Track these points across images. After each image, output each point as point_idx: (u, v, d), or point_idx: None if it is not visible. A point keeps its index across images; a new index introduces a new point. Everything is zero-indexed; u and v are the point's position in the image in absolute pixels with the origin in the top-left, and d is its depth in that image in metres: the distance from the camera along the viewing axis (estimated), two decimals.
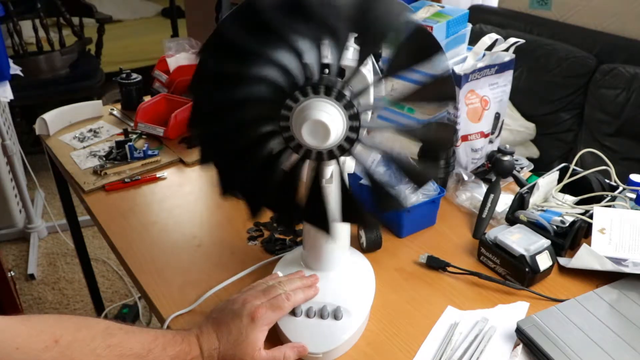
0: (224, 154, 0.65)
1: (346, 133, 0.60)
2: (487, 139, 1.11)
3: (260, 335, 0.66)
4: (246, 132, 0.63)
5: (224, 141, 0.64)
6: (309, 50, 0.58)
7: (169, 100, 1.35)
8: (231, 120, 0.62)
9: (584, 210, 0.90)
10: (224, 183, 0.66)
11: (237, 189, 0.68)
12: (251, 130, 0.63)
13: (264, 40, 0.58)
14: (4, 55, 1.71)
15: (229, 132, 0.63)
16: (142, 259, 0.90)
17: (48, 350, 0.54)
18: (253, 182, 0.66)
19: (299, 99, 0.59)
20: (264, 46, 0.58)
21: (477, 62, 1.05)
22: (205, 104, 0.63)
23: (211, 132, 0.65)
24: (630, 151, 1.84)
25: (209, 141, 0.66)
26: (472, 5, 2.42)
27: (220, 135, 0.64)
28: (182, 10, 3.32)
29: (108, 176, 1.12)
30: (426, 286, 0.83)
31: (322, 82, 0.58)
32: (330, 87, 0.58)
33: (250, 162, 0.64)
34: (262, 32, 0.57)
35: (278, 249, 0.91)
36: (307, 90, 0.58)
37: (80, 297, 2.01)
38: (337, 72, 0.59)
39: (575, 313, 0.74)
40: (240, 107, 0.62)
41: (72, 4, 2.76)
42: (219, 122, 0.64)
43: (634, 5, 1.95)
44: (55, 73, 2.66)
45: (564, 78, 1.99)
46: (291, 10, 0.57)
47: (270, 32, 0.57)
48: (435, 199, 0.93)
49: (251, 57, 0.58)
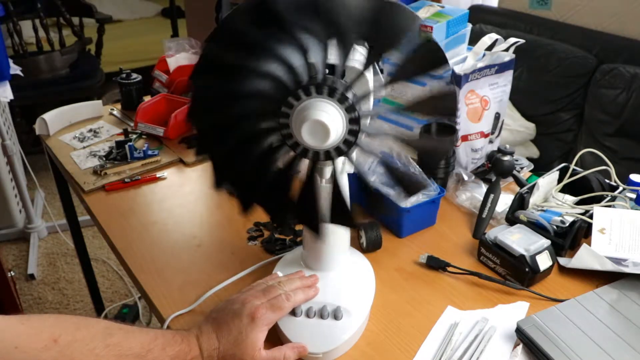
0: (221, 147, 0.65)
1: (345, 135, 0.60)
2: (487, 139, 1.11)
3: (260, 336, 0.66)
4: (244, 126, 0.62)
5: (222, 134, 0.64)
6: (316, 50, 0.58)
7: (169, 100, 1.35)
8: (230, 113, 0.62)
9: (584, 210, 0.90)
10: (218, 176, 0.66)
11: (231, 183, 0.68)
12: (250, 124, 0.63)
13: (273, 34, 0.58)
14: (4, 55, 1.71)
15: (227, 124, 0.63)
16: (142, 259, 0.90)
17: (47, 350, 0.54)
18: (247, 177, 0.66)
19: (302, 97, 0.59)
20: (271, 40, 0.58)
21: (477, 62, 1.05)
22: (206, 94, 0.63)
23: (210, 123, 0.64)
24: (630, 151, 1.84)
25: (207, 133, 0.65)
26: (472, 5, 2.42)
27: (218, 127, 0.64)
28: (182, 10, 3.32)
29: (108, 176, 1.12)
30: (426, 286, 0.83)
31: (326, 82, 0.58)
32: (333, 88, 0.58)
33: (246, 156, 0.64)
34: (271, 26, 0.57)
35: (278, 249, 0.91)
36: (311, 89, 0.58)
37: (80, 297, 2.01)
38: (341, 73, 0.59)
39: (575, 313, 0.74)
40: (241, 99, 0.62)
41: (72, 4, 2.76)
42: (218, 114, 0.63)
43: (634, 5, 1.95)
44: (55, 73, 2.66)
45: (564, 78, 1.98)
46: (304, 7, 0.57)
47: (280, 26, 0.57)
48: (435, 199, 0.93)
49: (257, 51, 0.58)
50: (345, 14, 0.57)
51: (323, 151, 0.61)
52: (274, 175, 0.64)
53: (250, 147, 0.63)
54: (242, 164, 0.65)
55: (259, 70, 0.59)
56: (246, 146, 0.63)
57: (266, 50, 0.58)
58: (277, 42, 0.58)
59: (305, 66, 0.58)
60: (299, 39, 0.57)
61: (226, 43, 0.60)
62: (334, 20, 0.57)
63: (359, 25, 0.58)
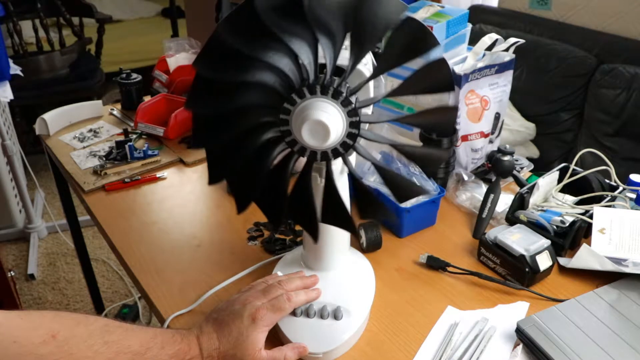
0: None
1: (347, 129, 0.59)
2: (487, 139, 1.11)
3: (260, 336, 0.66)
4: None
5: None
6: (305, 51, 0.58)
7: (169, 100, 1.35)
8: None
9: (584, 210, 0.90)
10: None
11: (227, 180, 0.68)
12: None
13: (259, 43, 0.57)
14: (4, 55, 1.71)
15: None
16: (142, 259, 0.90)
17: (45, 345, 0.54)
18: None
19: (296, 101, 0.59)
20: (259, 50, 0.57)
21: (477, 62, 1.05)
22: (206, 120, 0.63)
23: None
24: (630, 151, 1.84)
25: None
26: (472, 5, 2.42)
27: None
28: (182, 10, 3.32)
29: (108, 176, 1.12)
30: (426, 286, 0.83)
31: (317, 82, 0.58)
32: (326, 86, 0.58)
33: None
34: (257, 35, 0.57)
35: (278, 249, 0.91)
36: (304, 91, 0.58)
37: (80, 297, 2.01)
38: (332, 71, 0.59)
39: (575, 313, 0.74)
40: (240, 116, 0.62)
41: (72, 4, 2.76)
42: (221, 134, 0.63)
43: (634, 5, 1.95)
44: (55, 73, 2.66)
45: (564, 78, 1.98)
46: (285, 11, 0.56)
47: (266, 34, 0.56)
48: (435, 199, 0.93)
49: (247, 63, 0.58)
50: (326, 11, 0.56)
51: (330, 149, 0.61)
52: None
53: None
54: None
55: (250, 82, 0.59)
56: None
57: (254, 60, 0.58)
58: (264, 50, 0.57)
59: (295, 69, 0.58)
60: (285, 42, 0.57)
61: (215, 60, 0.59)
62: (316, 18, 0.57)
63: (341, 18, 0.57)
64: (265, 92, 0.60)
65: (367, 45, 0.58)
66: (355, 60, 0.58)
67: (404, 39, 0.57)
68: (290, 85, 0.59)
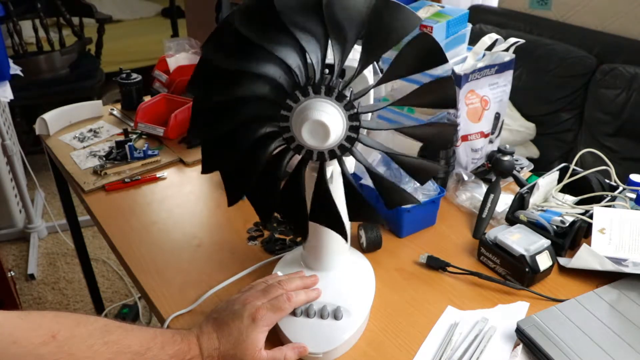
0: (227, 161, 0.65)
1: (346, 133, 0.60)
2: (487, 139, 1.11)
3: (260, 336, 0.66)
4: (246, 133, 0.62)
5: (225, 146, 0.64)
6: (314, 50, 0.58)
7: (169, 100, 1.35)
8: (231, 121, 0.62)
9: (584, 210, 0.90)
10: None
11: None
12: (251, 131, 0.62)
13: (270, 35, 0.57)
14: (4, 55, 1.71)
15: (230, 136, 0.63)
16: (142, 259, 0.90)
17: (45, 345, 0.54)
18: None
19: (299, 98, 0.59)
20: (269, 41, 0.57)
21: (477, 62, 1.05)
22: (206, 103, 0.63)
23: (212, 136, 0.64)
24: (630, 151, 1.84)
25: (211, 147, 0.65)
26: (472, 5, 2.42)
27: (222, 140, 0.64)
28: (182, 10, 3.32)
29: (108, 176, 1.12)
30: (426, 286, 0.83)
31: (323, 82, 0.58)
32: (331, 87, 0.58)
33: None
34: (269, 26, 0.57)
35: (278, 249, 0.91)
36: (308, 90, 0.58)
37: (80, 297, 2.01)
38: (339, 72, 0.59)
39: (575, 313, 0.74)
40: (240, 106, 0.61)
41: (72, 4, 2.76)
42: (219, 124, 0.63)
43: (634, 5, 1.95)
44: (55, 73, 2.66)
45: (564, 78, 1.98)
46: (302, 6, 0.57)
47: (278, 27, 0.56)
48: (435, 199, 0.93)
49: (255, 52, 0.58)
50: (345, 14, 0.57)
51: (328, 150, 0.61)
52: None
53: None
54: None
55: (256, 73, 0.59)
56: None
57: (263, 51, 0.58)
58: (274, 43, 0.57)
59: (302, 67, 0.58)
60: (297, 38, 0.57)
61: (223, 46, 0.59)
62: (333, 20, 0.57)
63: (359, 24, 0.57)
64: (269, 86, 0.60)
65: (377, 53, 0.59)
66: (363, 65, 0.59)
67: (416, 52, 0.58)
68: (295, 82, 0.59)
